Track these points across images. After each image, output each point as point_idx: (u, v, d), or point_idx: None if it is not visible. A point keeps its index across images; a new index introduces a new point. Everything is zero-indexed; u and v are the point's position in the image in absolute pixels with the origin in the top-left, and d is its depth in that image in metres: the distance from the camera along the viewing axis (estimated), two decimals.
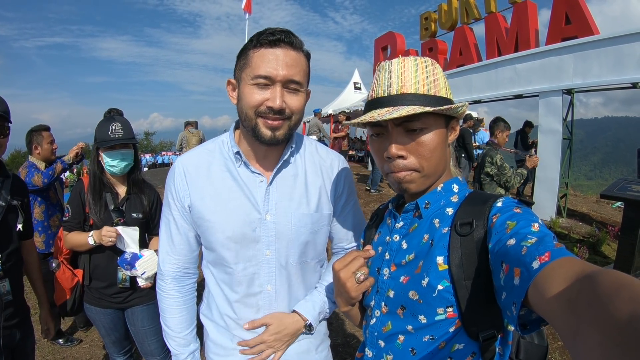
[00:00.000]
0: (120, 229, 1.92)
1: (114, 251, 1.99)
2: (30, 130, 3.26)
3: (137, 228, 1.95)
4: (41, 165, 3.23)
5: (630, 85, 6.51)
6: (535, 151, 8.16)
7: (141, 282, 1.94)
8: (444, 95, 0.85)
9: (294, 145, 1.18)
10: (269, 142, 1.06)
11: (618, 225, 5.85)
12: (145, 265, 1.85)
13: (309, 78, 1.10)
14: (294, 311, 1.21)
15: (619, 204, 8.11)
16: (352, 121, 0.91)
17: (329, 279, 1.26)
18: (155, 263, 1.77)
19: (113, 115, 2.07)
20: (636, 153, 5.60)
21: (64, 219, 2.05)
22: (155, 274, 1.78)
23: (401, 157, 0.84)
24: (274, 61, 0.99)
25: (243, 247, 1.13)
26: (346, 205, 1.28)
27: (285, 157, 1.16)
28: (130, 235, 1.94)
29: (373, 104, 0.86)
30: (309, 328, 1.21)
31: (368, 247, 0.92)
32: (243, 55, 1.05)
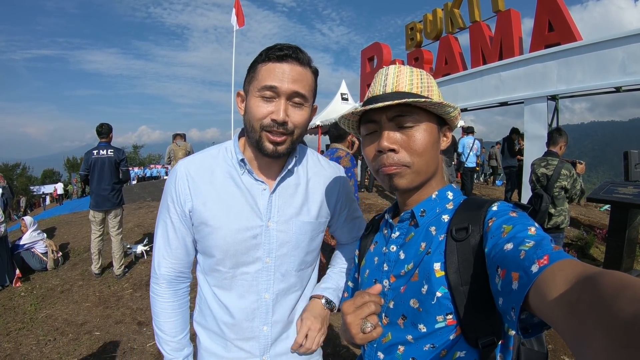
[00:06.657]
0: None
1: None
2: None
3: None
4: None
5: (614, 90, 6.65)
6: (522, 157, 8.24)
7: None
8: (438, 100, 0.86)
9: (297, 156, 1.21)
10: (271, 155, 1.08)
11: (606, 228, 5.90)
12: None
13: (315, 93, 1.12)
14: (311, 297, 1.29)
15: (607, 206, 8.20)
16: (346, 112, 0.92)
17: (335, 263, 1.41)
18: None
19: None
20: (622, 156, 5.67)
21: None
22: None
23: (393, 150, 0.84)
24: (280, 74, 1.02)
25: (243, 253, 1.13)
26: (342, 212, 1.34)
27: (290, 166, 1.18)
28: None
29: (368, 101, 0.88)
30: (328, 303, 1.28)
31: (376, 290, 0.84)
32: (252, 68, 1.08)
